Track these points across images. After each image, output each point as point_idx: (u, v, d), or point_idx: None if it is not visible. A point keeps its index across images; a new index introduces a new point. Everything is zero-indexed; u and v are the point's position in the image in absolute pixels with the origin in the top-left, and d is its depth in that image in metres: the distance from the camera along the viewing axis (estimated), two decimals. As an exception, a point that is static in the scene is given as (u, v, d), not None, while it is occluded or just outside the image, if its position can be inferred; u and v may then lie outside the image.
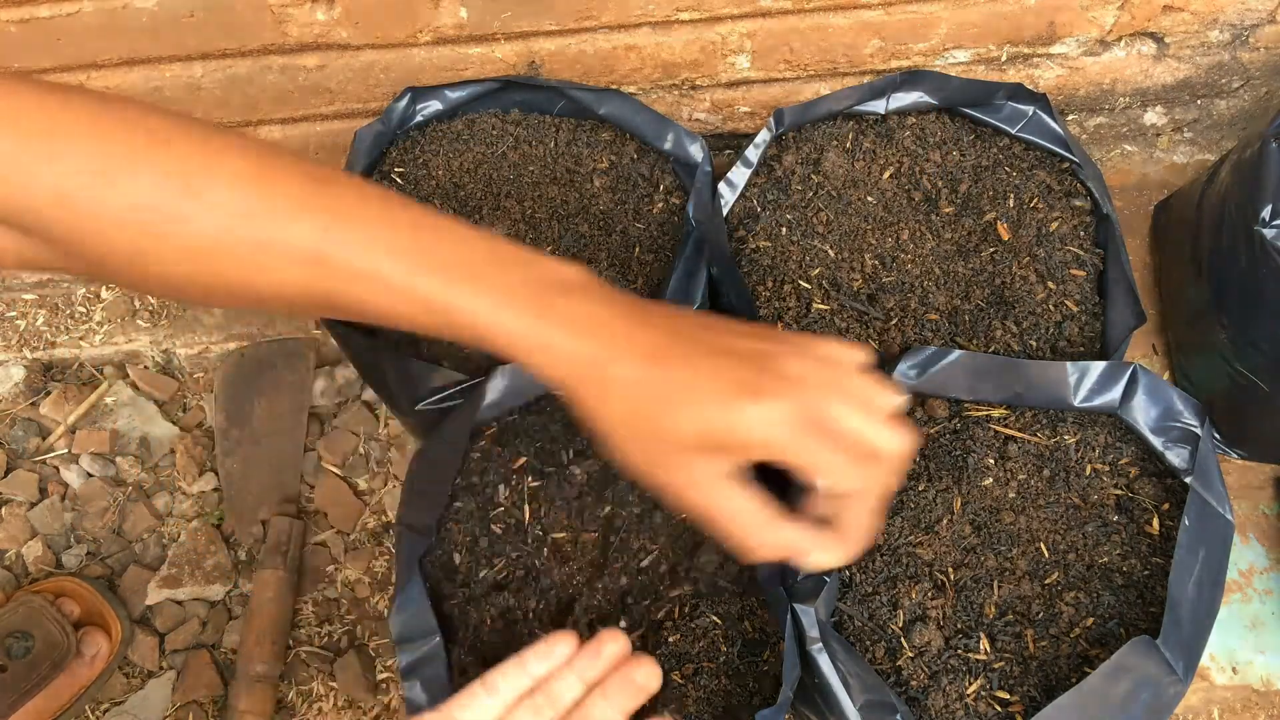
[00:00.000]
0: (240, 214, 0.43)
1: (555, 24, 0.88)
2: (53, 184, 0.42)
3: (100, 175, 0.42)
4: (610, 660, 0.51)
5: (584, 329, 0.44)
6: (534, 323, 0.44)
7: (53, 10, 0.84)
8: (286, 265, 0.44)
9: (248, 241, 0.44)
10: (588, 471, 0.71)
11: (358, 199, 0.45)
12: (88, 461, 1.12)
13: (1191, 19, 0.94)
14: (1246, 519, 0.96)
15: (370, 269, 0.44)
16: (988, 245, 0.79)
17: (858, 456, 0.44)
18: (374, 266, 0.44)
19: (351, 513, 1.09)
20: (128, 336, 1.16)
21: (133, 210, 0.43)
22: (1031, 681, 0.62)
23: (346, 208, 0.45)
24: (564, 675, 0.51)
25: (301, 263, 0.44)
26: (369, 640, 1.03)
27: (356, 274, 0.44)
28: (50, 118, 0.42)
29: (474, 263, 0.45)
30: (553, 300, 0.44)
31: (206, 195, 0.43)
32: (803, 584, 0.63)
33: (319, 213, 0.44)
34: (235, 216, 0.43)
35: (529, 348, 0.44)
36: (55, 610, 0.97)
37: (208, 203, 0.43)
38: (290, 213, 0.44)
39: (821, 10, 0.89)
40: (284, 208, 0.44)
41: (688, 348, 0.44)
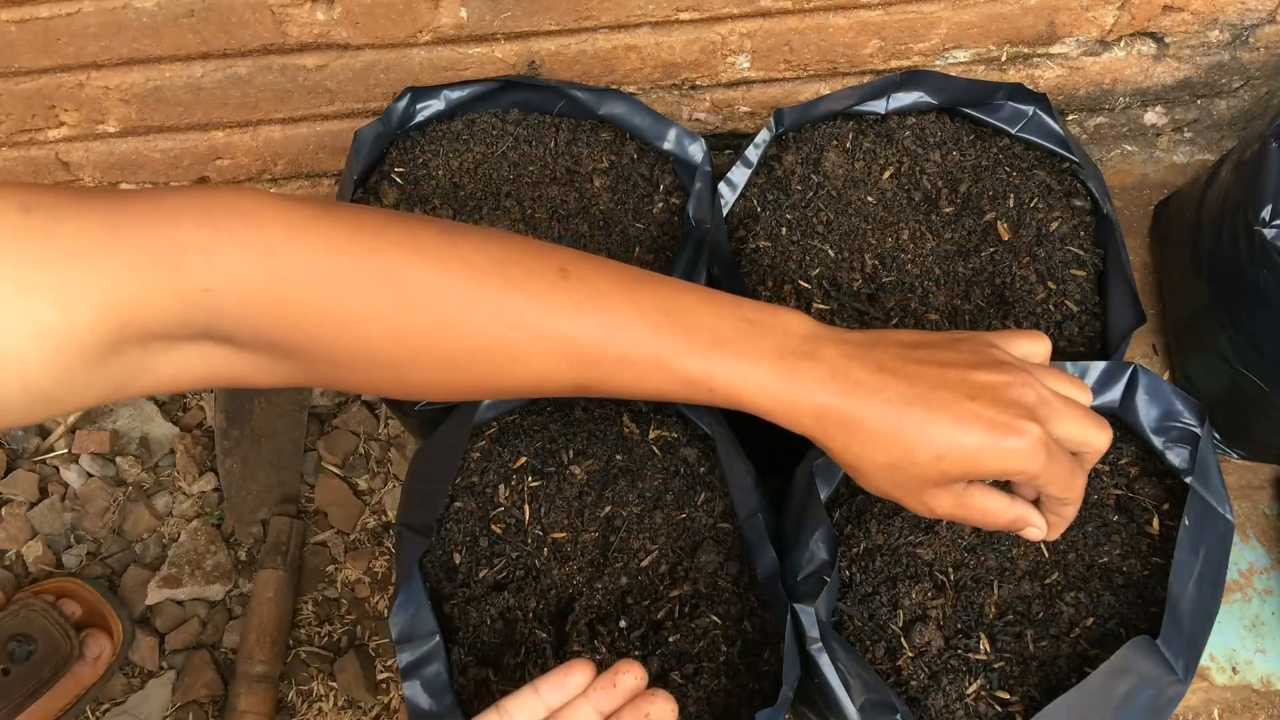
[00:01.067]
0: (502, 319, 0.46)
1: (555, 24, 0.88)
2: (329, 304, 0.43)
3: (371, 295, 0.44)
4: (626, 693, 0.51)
5: (830, 385, 0.48)
6: (788, 386, 0.48)
7: (52, 10, 0.84)
8: (548, 361, 0.48)
9: (509, 345, 0.47)
10: (588, 471, 0.71)
11: (605, 281, 0.49)
12: (88, 461, 1.12)
13: (1191, 19, 0.94)
14: (1246, 519, 0.96)
15: (631, 354, 0.48)
16: (988, 245, 0.79)
17: (1081, 472, 0.50)
18: (635, 352, 0.48)
19: (351, 513, 1.09)
20: (128, 336, 1.16)
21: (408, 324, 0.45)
22: (1031, 681, 0.62)
23: (598, 295, 0.48)
24: (579, 706, 0.51)
25: (564, 358, 0.48)
26: (369, 640, 1.03)
27: (618, 360, 0.48)
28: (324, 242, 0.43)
29: (724, 332, 0.49)
30: (798, 362, 0.48)
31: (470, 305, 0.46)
32: (803, 584, 0.63)
33: (574, 307, 0.47)
34: (498, 322, 0.46)
35: (785, 410, 0.49)
36: (57, 612, 0.97)
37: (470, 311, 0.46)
38: (549, 311, 0.47)
39: (821, 10, 0.89)
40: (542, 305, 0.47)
41: (930, 393, 0.47)
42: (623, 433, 0.73)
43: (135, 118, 0.95)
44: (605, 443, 0.72)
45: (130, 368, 0.42)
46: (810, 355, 0.49)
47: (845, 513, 0.68)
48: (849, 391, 0.48)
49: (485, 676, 0.65)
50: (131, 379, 0.42)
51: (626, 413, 0.73)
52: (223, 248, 0.41)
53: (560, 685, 0.51)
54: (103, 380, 0.41)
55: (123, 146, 0.99)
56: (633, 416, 0.73)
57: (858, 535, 0.67)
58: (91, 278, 0.39)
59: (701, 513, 0.70)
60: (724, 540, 0.69)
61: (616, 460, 0.72)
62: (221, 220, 0.42)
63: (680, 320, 0.48)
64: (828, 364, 0.48)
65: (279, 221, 0.43)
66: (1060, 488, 0.49)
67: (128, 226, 0.40)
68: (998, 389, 0.48)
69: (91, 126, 0.96)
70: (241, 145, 1.00)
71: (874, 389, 0.48)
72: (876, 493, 0.51)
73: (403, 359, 0.46)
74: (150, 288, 0.40)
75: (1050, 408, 0.48)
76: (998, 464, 0.47)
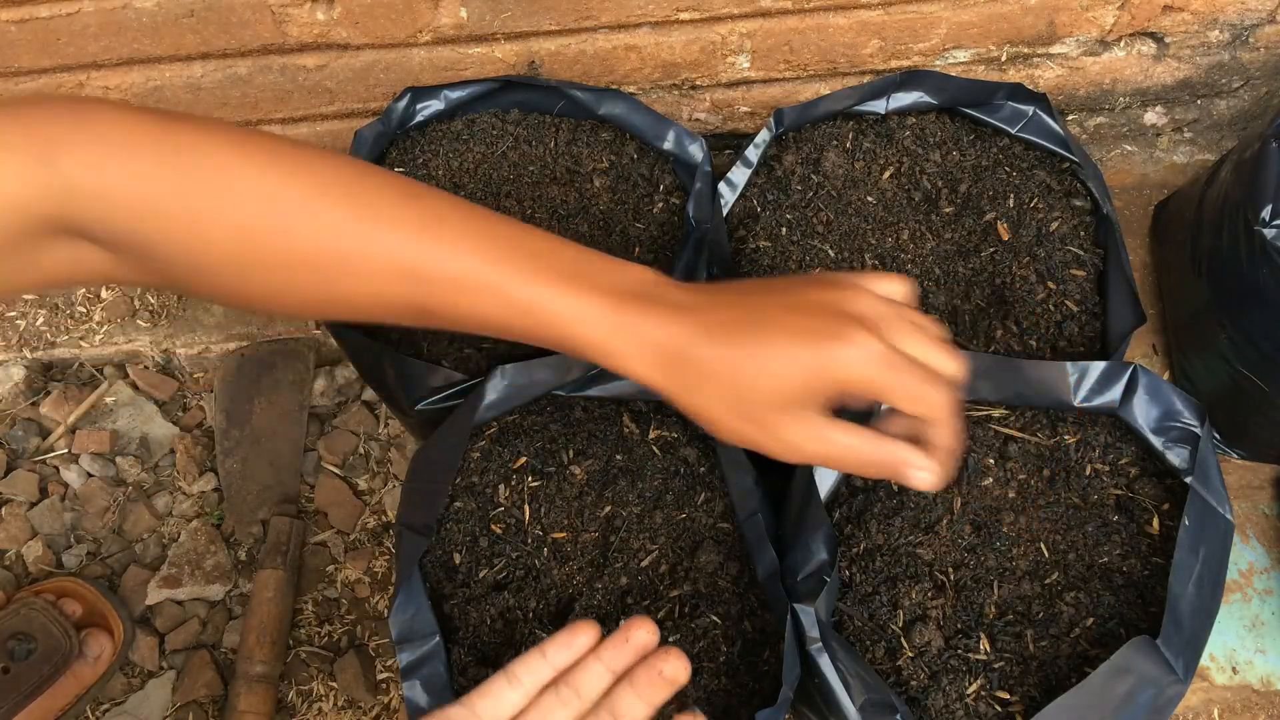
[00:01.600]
0: (340, 228, 0.46)
1: (555, 24, 0.88)
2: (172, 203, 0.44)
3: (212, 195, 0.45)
4: (638, 649, 0.51)
5: (663, 323, 0.47)
6: (623, 324, 0.47)
7: (52, 10, 0.84)
8: (385, 277, 0.47)
9: (348, 254, 0.47)
10: (588, 471, 0.71)
11: (450, 210, 0.48)
12: (88, 461, 1.12)
13: (1191, 19, 0.94)
14: (1246, 519, 0.96)
15: (469, 278, 0.47)
16: (988, 245, 0.79)
17: (932, 381, 0.47)
18: (472, 276, 0.47)
19: (351, 513, 1.09)
20: (128, 336, 1.16)
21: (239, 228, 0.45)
22: (1031, 681, 0.62)
23: (439, 220, 0.48)
24: (590, 665, 0.51)
25: (400, 274, 0.47)
26: (369, 640, 1.03)
27: (455, 283, 0.47)
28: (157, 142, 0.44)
29: (564, 269, 0.48)
30: (635, 301, 0.47)
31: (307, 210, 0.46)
32: (803, 584, 0.63)
33: (415, 226, 0.47)
34: (335, 230, 0.46)
35: (620, 350, 0.47)
36: (57, 611, 0.97)
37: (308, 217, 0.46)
38: (389, 226, 0.47)
39: (821, 10, 0.89)
40: (383, 222, 0.47)
41: (760, 314, 0.47)
42: (623, 433, 0.73)
43: (135, 118, 0.95)
44: (605, 443, 0.72)
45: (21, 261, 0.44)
46: (646, 296, 0.48)
47: (845, 513, 0.68)
48: (677, 324, 0.47)
49: (485, 676, 0.65)
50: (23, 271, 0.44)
51: (626, 413, 0.73)
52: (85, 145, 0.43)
53: (566, 646, 0.51)
54: None
55: (123, 146, 0.99)
56: (633, 416, 0.73)
57: (858, 535, 0.67)
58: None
59: (701, 513, 0.70)
60: (724, 540, 0.69)
61: (616, 460, 0.72)
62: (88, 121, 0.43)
63: (521, 252, 0.48)
64: (662, 304, 0.48)
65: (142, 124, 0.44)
66: (915, 401, 0.47)
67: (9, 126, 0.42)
68: (829, 303, 0.47)
69: (91, 126, 0.96)
70: (241, 145, 1.00)
71: (701, 319, 0.47)
72: (734, 439, 0.49)
73: (243, 260, 0.46)
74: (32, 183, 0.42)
75: (887, 322, 0.47)
76: (831, 373, 0.45)
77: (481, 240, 0.48)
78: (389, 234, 0.47)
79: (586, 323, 0.47)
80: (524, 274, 0.47)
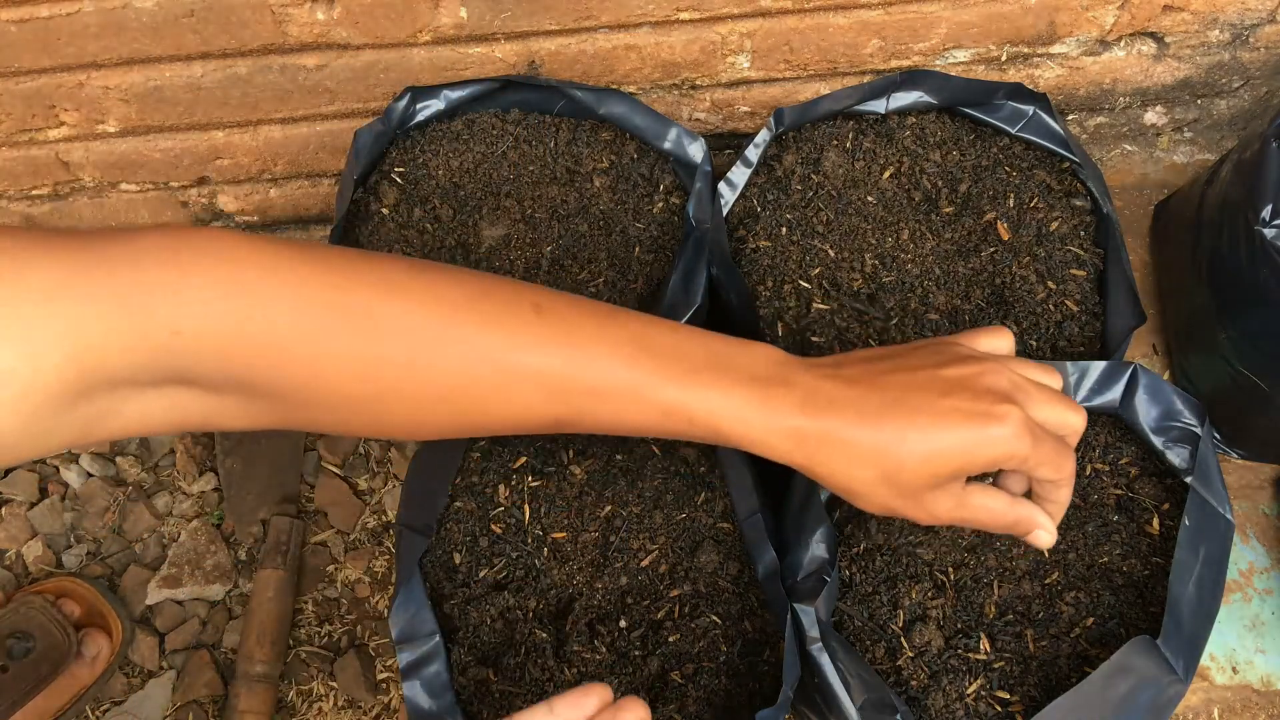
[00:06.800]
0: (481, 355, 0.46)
1: (555, 24, 0.88)
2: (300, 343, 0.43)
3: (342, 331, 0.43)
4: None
5: (806, 406, 0.48)
6: (764, 412, 0.48)
7: (52, 10, 0.84)
8: (528, 397, 0.48)
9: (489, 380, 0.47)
10: (588, 471, 0.71)
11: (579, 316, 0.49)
12: (88, 461, 1.12)
13: (1191, 19, 0.94)
14: (1246, 519, 0.96)
15: (605, 386, 0.48)
16: (988, 245, 0.79)
17: (1066, 451, 0.50)
18: (611, 384, 0.48)
19: (351, 513, 1.09)
20: (128, 336, 1.16)
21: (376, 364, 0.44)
22: (1031, 681, 0.62)
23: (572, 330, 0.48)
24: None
25: (542, 392, 0.48)
26: (369, 640, 1.03)
27: (594, 393, 0.48)
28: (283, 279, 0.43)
29: (697, 362, 0.49)
30: (771, 388, 0.49)
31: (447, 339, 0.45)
32: (803, 584, 0.63)
33: (553, 342, 0.47)
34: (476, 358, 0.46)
35: (764, 436, 0.48)
36: (56, 611, 0.97)
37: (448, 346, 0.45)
38: (528, 346, 0.47)
39: (821, 10, 0.89)
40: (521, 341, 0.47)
41: (905, 396, 0.48)
42: (623, 433, 0.73)
43: (135, 117, 0.95)
44: (605, 442, 0.72)
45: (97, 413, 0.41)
46: (783, 381, 0.49)
47: (845, 513, 0.68)
48: (823, 410, 0.48)
49: (485, 676, 0.65)
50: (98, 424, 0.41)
51: (626, 413, 0.73)
52: (191, 289, 0.40)
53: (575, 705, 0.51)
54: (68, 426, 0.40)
55: (123, 146, 0.99)
56: (633, 416, 0.73)
57: (858, 535, 0.67)
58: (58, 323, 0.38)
59: (701, 513, 0.70)
60: (724, 540, 0.69)
61: (616, 460, 0.72)
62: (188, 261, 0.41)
63: (653, 352, 0.48)
64: (800, 387, 0.49)
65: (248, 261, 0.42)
66: (1052, 468, 0.49)
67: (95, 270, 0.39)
68: (969, 380, 0.48)
69: (91, 126, 0.96)
70: (241, 145, 1.00)
71: (847, 403, 0.48)
72: (878, 511, 0.50)
73: (374, 399, 0.46)
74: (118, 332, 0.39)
75: (1024, 391, 0.49)
76: (985, 453, 0.47)
77: (615, 345, 0.48)
78: (530, 355, 0.47)
79: (727, 418, 0.48)
80: (660, 375, 0.48)
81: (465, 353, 0.46)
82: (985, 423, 0.46)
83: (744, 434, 0.48)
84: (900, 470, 0.47)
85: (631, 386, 0.48)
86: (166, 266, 0.40)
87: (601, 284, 0.79)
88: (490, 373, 0.46)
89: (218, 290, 0.41)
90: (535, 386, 0.47)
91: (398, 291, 0.45)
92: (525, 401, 0.48)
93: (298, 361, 0.43)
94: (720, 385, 0.48)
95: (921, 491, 0.48)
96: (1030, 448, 0.47)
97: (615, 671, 0.65)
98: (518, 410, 0.48)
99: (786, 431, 0.48)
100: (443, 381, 0.46)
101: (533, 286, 0.50)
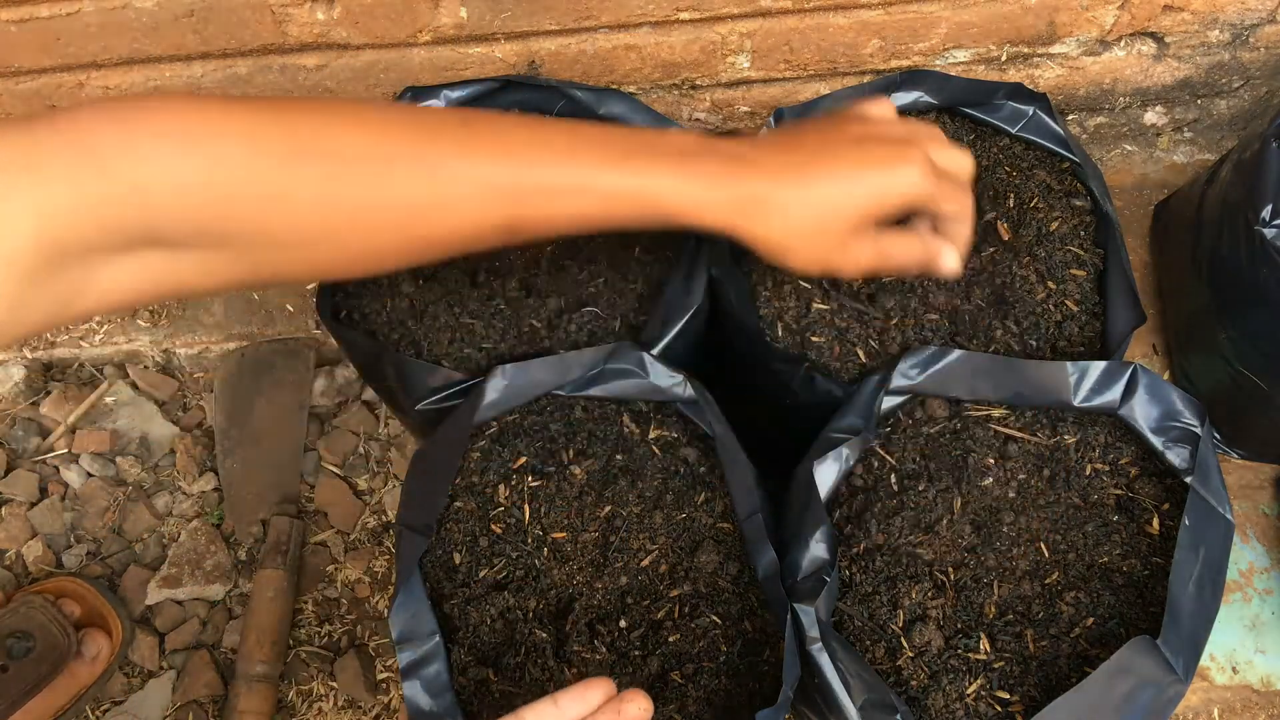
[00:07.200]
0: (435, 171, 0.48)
1: (555, 24, 0.88)
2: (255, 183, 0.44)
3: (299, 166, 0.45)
4: None
5: (736, 174, 0.52)
6: (700, 183, 0.51)
7: (52, 10, 0.84)
8: (473, 203, 0.50)
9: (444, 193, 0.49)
10: (588, 471, 0.71)
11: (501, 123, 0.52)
12: (88, 461, 1.12)
13: (1191, 19, 0.94)
14: (1246, 519, 0.96)
15: (549, 183, 0.50)
16: (988, 245, 0.79)
17: (964, 186, 0.57)
18: (552, 180, 0.50)
19: (351, 513, 1.09)
20: (128, 336, 1.16)
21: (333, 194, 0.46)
22: (1031, 681, 0.62)
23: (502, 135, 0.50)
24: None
25: (487, 197, 0.50)
26: (369, 640, 1.03)
27: (538, 190, 0.50)
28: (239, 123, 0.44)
29: (629, 148, 0.52)
30: (701, 161, 0.52)
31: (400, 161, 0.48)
32: (803, 584, 0.63)
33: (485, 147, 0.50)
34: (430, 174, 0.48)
35: (703, 206, 0.52)
36: (56, 610, 0.97)
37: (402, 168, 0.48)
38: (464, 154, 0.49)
39: (821, 10, 0.89)
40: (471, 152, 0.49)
41: (823, 153, 0.53)
42: (623, 433, 0.73)
43: (135, 117, 0.95)
44: (605, 443, 0.72)
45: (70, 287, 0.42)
46: (711, 153, 0.52)
47: (845, 513, 0.68)
48: (751, 175, 0.52)
49: (485, 676, 0.65)
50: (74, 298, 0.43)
51: (626, 413, 0.73)
52: (144, 142, 0.42)
53: (580, 699, 0.52)
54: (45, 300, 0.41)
55: (123, 146, 0.99)
56: (633, 416, 0.73)
57: (858, 535, 0.67)
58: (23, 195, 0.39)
59: (701, 513, 0.70)
60: (724, 540, 0.69)
61: (616, 460, 0.72)
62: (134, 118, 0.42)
63: (586, 145, 0.51)
64: (727, 157, 0.52)
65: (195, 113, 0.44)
66: (955, 203, 0.56)
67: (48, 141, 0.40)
68: (875, 134, 0.54)
69: (91, 126, 0.96)
70: (241, 145, 1.00)
71: (772, 166, 0.52)
72: (809, 267, 0.55)
73: (333, 231, 0.47)
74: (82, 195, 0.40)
75: (922, 139, 0.55)
76: (898, 193, 0.53)
77: (547, 143, 0.51)
78: (468, 162, 0.49)
79: (667, 194, 0.51)
80: (597, 164, 0.50)
81: (411, 171, 0.48)
82: (895, 165, 0.52)
83: (684, 208, 0.51)
84: (825, 220, 0.52)
85: (571, 178, 0.50)
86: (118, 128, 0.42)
87: (601, 284, 0.79)
88: (436, 186, 0.48)
89: (171, 142, 0.42)
90: (479, 192, 0.49)
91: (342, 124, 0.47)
92: (472, 210, 0.50)
93: (256, 203, 0.45)
94: (656, 165, 0.51)
95: (846, 241, 0.54)
96: (935, 185, 0.53)
97: (615, 672, 0.65)
98: (467, 221, 0.50)
99: (722, 200, 0.52)
100: (395, 203, 0.48)
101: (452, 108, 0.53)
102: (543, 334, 0.76)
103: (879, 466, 0.69)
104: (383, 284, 0.80)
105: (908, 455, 0.69)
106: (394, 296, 0.79)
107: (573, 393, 0.73)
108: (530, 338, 0.76)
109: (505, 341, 0.76)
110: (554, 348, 0.75)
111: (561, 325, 0.76)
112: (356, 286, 0.81)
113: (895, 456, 0.69)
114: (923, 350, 0.69)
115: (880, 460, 0.69)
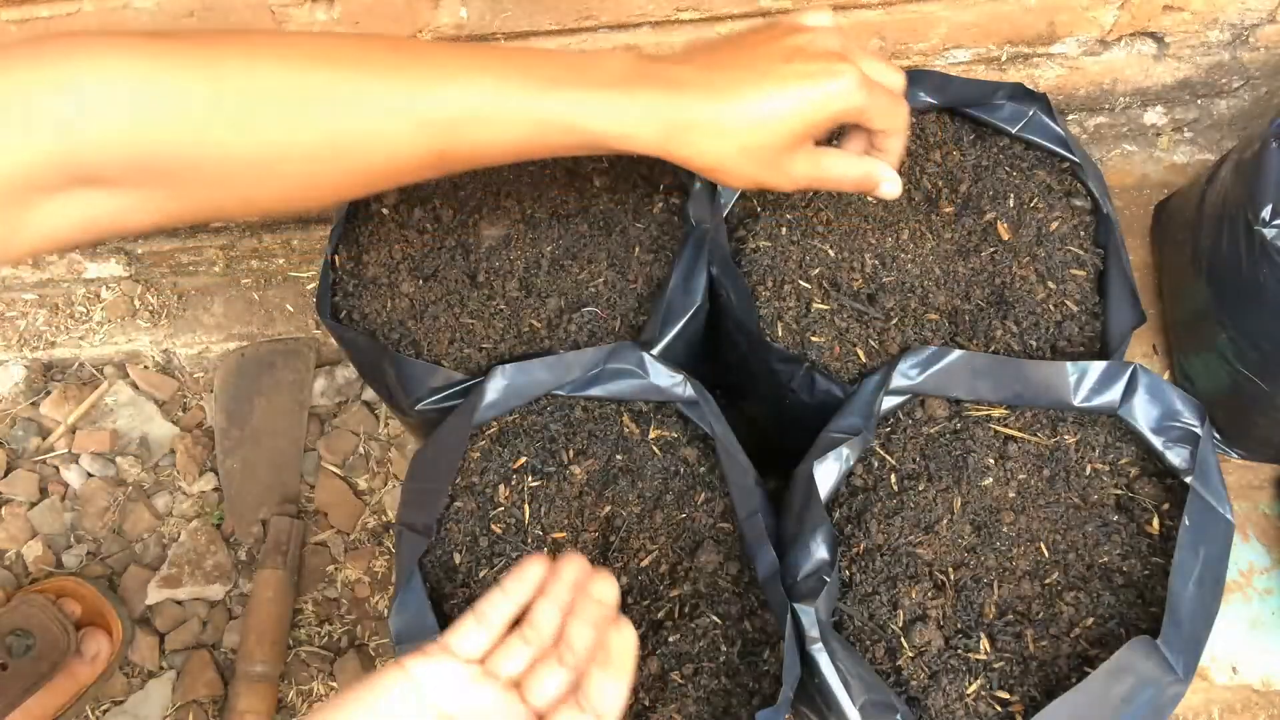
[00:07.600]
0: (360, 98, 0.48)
1: (555, 24, 0.88)
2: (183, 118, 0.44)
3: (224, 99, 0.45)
4: (572, 583, 0.55)
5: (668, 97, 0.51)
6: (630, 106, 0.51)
7: (52, 10, 0.84)
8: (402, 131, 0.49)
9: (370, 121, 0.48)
10: (588, 471, 0.71)
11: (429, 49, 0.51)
12: (88, 461, 1.12)
13: (1191, 19, 0.94)
14: (1246, 519, 0.96)
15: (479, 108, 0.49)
16: (988, 245, 0.79)
17: (897, 99, 0.56)
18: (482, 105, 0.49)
19: (351, 513, 1.09)
20: (128, 336, 1.16)
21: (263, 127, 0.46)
22: (1031, 681, 0.62)
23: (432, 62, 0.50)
24: (543, 606, 0.54)
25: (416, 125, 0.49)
26: (369, 640, 1.03)
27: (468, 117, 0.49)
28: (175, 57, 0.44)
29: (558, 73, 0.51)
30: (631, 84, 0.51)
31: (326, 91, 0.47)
32: (803, 584, 0.63)
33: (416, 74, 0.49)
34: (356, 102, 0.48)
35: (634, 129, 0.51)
36: (57, 610, 0.97)
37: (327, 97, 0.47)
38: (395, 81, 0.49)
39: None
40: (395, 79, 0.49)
41: (753, 68, 0.52)
42: (623, 433, 0.73)
43: (135, 117, 0.95)
44: (605, 443, 0.72)
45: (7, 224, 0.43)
46: (641, 75, 0.52)
47: (845, 513, 0.68)
48: (683, 95, 0.51)
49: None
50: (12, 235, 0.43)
51: (626, 413, 0.73)
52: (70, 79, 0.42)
53: (521, 579, 0.55)
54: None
55: (123, 146, 0.99)
56: (633, 416, 0.73)
57: (858, 535, 0.67)
58: None
59: (701, 513, 0.70)
60: (724, 540, 0.69)
61: (616, 460, 0.72)
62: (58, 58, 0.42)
63: (517, 70, 0.50)
64: (658, 78, 0.52)
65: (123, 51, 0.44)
66: (889, 117, 0.55)
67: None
68: (806, 47, 0.53)
69: (91, 126, 0.96)
70: (241, 145, 1.00)
71: (703, 84, 0.52)
72: (745, 184, 0.54)
73: (266, 165, 0.47)
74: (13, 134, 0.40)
75: (853, 52, 0.54)
76: (831, 106, 0.52)
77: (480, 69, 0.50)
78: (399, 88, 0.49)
79: (599, 117, 0.51)
80: (528, 90, 0.50)
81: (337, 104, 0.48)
82: (827, 78, 0.52)
83: (616, 131, 0.51)
84: (758, 136, 0.52)
85: (504, 104, 0.50)
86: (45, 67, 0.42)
87: (601, 284, 0.79)
88: (362, 119, 0.48)
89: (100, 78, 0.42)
90: (410, 120, 0.49)
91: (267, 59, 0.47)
92: (402, 141, 0.49)
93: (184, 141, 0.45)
94: (587, 89, 0.51)
95: (780, 156, 0.53)
96: (868, 98, 0.53)
97: (615, 671, 0.65)
98: (398, 151, 0.50)
99: (652, 124, 0.51)
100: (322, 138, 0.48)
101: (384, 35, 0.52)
102: (543, 334, 0.76)
103: (879, 466, 0.69)
104: (383, 284, 0.80)
105: (908, 455, 0.69)
106: (394, 296, 0.79)
107: (573, 393, 0.73)
108: (530, 338, 0.76)
109: (505, 341, 0.76)
110: (554, 348, 0.75)
111: (561, 325, 0.76)
112: (356, 287, 0.81)
113: (895, 456, 0.69)
114: (923, 350, 0.69)
115: (880, 460, 0.69)
